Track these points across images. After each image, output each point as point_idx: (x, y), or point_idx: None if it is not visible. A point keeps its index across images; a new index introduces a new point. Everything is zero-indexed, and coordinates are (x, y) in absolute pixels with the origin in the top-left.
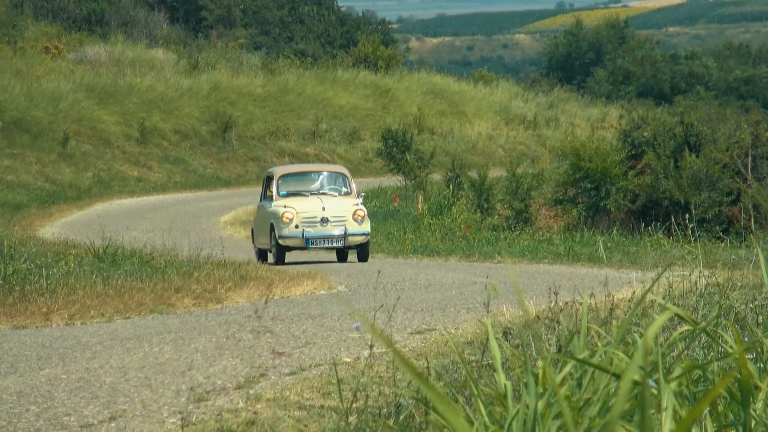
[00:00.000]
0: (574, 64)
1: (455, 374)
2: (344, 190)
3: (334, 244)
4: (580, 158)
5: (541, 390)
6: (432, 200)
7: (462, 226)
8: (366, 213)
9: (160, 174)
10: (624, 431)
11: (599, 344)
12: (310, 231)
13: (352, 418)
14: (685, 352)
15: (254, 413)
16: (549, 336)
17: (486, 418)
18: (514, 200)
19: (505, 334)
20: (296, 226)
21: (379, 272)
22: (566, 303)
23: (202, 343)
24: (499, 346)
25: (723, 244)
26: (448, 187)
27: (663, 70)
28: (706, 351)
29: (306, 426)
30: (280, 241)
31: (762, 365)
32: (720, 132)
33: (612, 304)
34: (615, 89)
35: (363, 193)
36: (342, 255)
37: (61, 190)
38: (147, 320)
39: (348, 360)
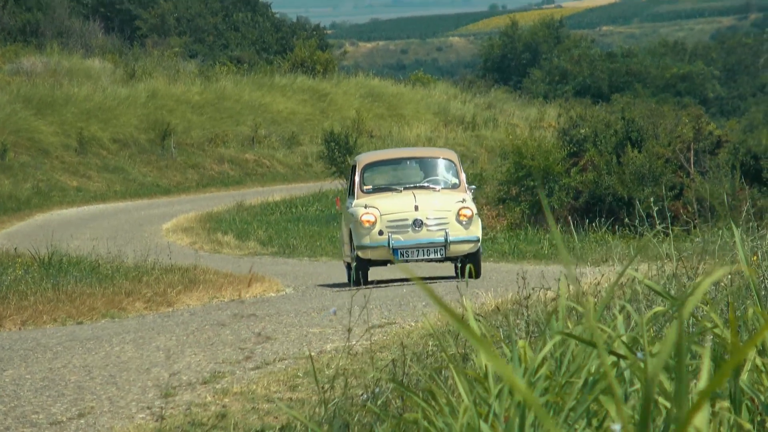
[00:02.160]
0: (510, 64)
1: (425, 362)
2: (452, 180)
3: (432, 255)
4: (523, 156)
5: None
6: None
7: None
8: (475, 212)
9: (99, 183)
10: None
11: (582, 322)
12: (399, 238)
13: (329, 405)
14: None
15: (223, 407)
16: (518, 322)
17: (466, 399)
18: None
19: (474, 320)
20: (380, 233)
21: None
22: (529, 293)
23: (163, 342)
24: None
25: (667, 238)
26: None
27: (600, 68)
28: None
29: (276, 418)
30: (360, 253)
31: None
32: (661, 127)
33: (578, 291)
34: (552, 89)
35: (473, 186)
36: (459, 267)
37: (1, 202)
38: (102, 323)
39: (313, 354)
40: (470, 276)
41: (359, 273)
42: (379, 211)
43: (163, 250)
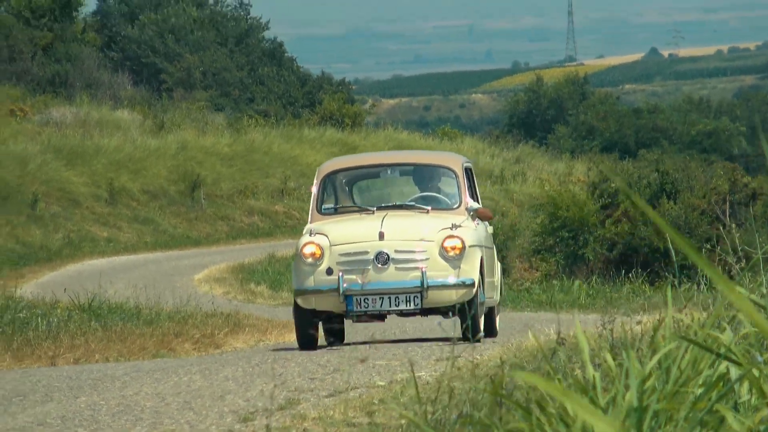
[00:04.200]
0: (534, 120)
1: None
2: (445, 199)
3: (402, 306)
4: (558, 207)
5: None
6: None
7: None
8: (470, 243)
9: (130, 234)
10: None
11: (695, 330)
12: (355, 280)
13: (433, 415)
14: None
15: (304, 430)
16: (602, 345)
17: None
18: None
19: (558, 343)
20: (328, 271)
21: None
22: (613, 320)
23: (230, 372)
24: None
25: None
26: None
27: (627, 124)
28: None
29: None
30: (300, 300)
31: None
32: (695, 180)
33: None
34: (579, 144)
35: (473, 206)
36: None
37: (32, 252)
38: (156, 362)
39: (382, 383)
40: (473, 336)
41: (303, 328)
42: (327, 239)
43: (199, 299)
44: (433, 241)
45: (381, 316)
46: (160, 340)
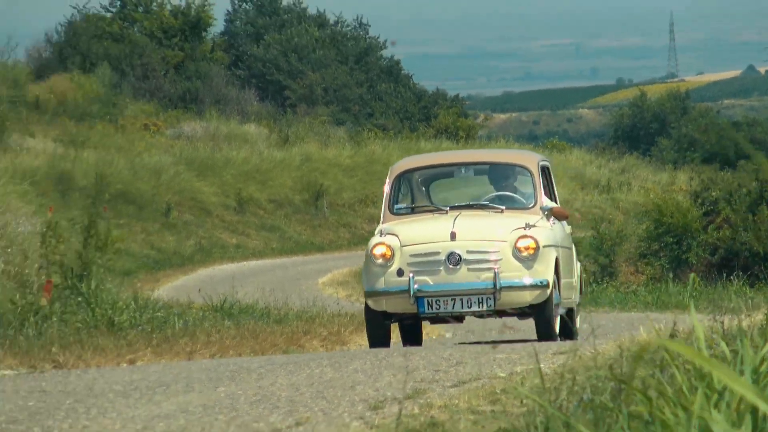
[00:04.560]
0: (638, 133)
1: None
2: (520, 199)
3: (474, 308)
4: (663, 214)
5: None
6: None
7: None
8: (544, 243)
9: (257, 241)
10: None
11: None
12: (427, 281)
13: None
14: None
15: (431, 417)
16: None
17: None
18: (599, 256)
19: (672, 336)
20: (399, 272)
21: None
22: (723, 313)
23: (359, 366)
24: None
25: None
26: None
27: (726, 137)
28: None
29: (483, 426)
30: (371, 302)
31: None
32: None
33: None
34: (681, 156)
35: (547, 205)
36: (543, 323)
37: (166, 258)
38: (287, 357)
39: (503, 375)
40: (546, 333)
41: (375, 329)
42: (398, 239)
43: (324, 301)
44: (506, 241)
45: (459, 318)
46: (290, 338)
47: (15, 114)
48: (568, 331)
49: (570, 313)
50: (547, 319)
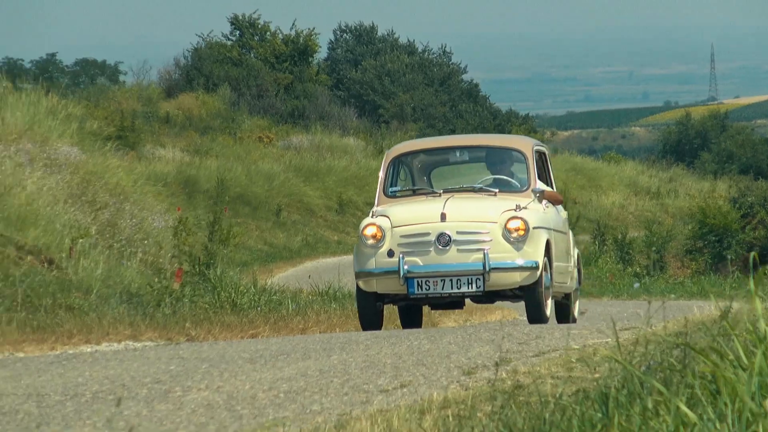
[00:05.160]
0: (684, 148)
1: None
2: (515, 182)
3: (464, 288)
4: (706, 216)
5: None
6: (581, 254)
7: (608, 274)
8: (534, 225)
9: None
10: None
11: None
12: (416, 262)
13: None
14: None
15: (517, 380)
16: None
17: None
18: (651, 252)
19: (725, 312)
20: (389, 253)
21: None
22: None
23: (452, 339)
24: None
25: None
26: (595, 243)
27: (760, 151)
28: None
29: (563, 389)
30: (361, 283)
31: None
32: None
33: None
34: (720, 167)
35: (539, 188)
36: (533, 305)
37: (277, 252)
38: (390, 331)
39: (576, 347)
40: (536, 315)
41: (366, 309)
42: (389, 221)
43: None
44: (496, 222)
45: (459, 303)
46: (388, 318)
47: (149, 127)
48: (566, 317)
49: (567, 298)
50: (536, 301)
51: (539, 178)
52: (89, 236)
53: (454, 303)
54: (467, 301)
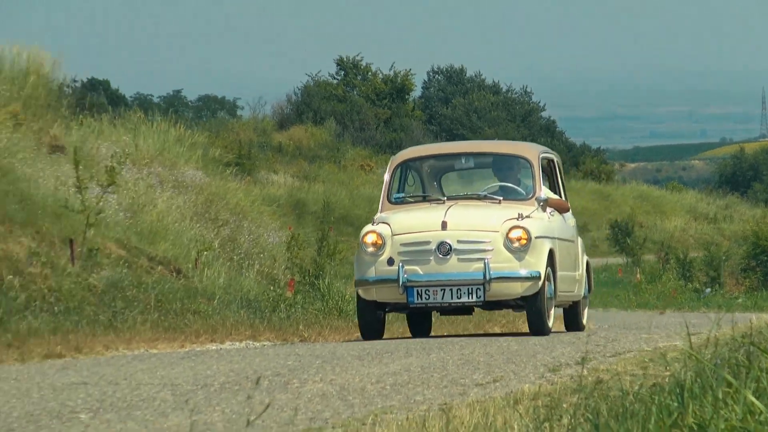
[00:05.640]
0: (738, 179)
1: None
2: (521, 190)
3: (464, 298)
4: (759, 238)
5: None
6: (646, 272)
7: (671, 289)
8: (536, 233)
9: None
10: None
11: None
12: (416, 271)
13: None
14: None
15: (597, 377)
16: None
17: None
18: (710, 270)
19: None
20: (389, 261)
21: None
22: None
23: (538, 341)
24: None
25: None
26: (659, 262)
27: None
28: None
29: (640, 384)
30: (361, 291)
31: None
32: None
33: None
34: None
35: (542, 196)
36: (535, 315)
37: None
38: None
39: (648, 349)
40: (538, 326)
41: (366, 318)
42: (390, 228)
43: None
44: (498, 231)
45: (467, 309)
46: (477, 324)
47: (263, 155)
48: (575, 325)
49: (576, 307)
50: (538, 312)
51: (550, 187)
52: (212, 249)
53: (461, 309)
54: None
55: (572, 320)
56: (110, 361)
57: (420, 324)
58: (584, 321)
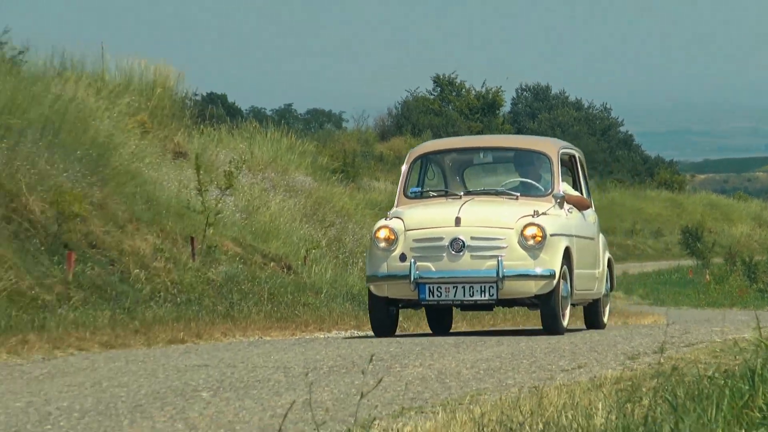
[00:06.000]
0: None
1: None
2: (539, 186)
3: (477, 296)
4: None
5: None
6: (714, 274)
7: (737, 290)
8: (551, 231)
9: None
10: None
11: None
12: (429, 267)
13: None
14: None
15: (674, 364)
16: None
17: None
18: None
19: None
20: (401, 257)
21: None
22: None
23: (617, 333)
24: None
25: None
26: (726, 265)
27: None
28: None
29: (713, 371)
30: (373, 288)
31: None
32: None
33: None
34: None
35: (560, 193)
36: (549, 314)
37: None
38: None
39: (719, 340)
40: (552, 326)
41: (378, 314)
42: (403, 223)
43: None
44: (513, 228)
45: (488, 306)
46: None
47: (366, 164)
48: (596, 323)
49: (596, 305)
50: (552, 311)
51: (573, 184)
52: (320, 248)
53: (480, 305)
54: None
55: (592, 318)
56: (228, 347)
57: (440, 320)
58: (605, 319)
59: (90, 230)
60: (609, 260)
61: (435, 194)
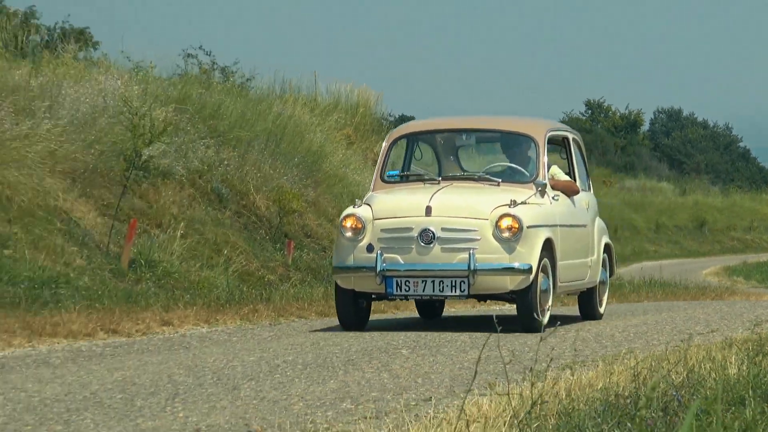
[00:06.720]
0: None
1: None
2: (525, 172)
3: (447, 291)
4: None
5: None
6: None
7: None
8: (528, 222)
9: (666, 249)
10: None
11: None
12: (396, 259)
13: None
14: None
15: (707, 350)
16: None
17: None
18: None
19: None
20: (369, 248)
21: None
22: None
23: (742, 304)
24: None
25: None
26: None
27: None
28: None
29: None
30: (339, 280)
31: None
32: None
33: None
34: None
35: (544, 179)
36: (525, 311)
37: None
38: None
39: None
40: (529, 322)
41: (344, 305)
42: (371, 211)
43: (702, 282)
44: (487, 219)
45: (482, 297)
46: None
47: None
48: (591, 313)
49: (591, 293)
50: (529, 307)
51: (566, 168)
52: None
53: (477, 296)
54: None
55: (587, 307)
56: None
57: (429, 305)
58: (602, 309)
59: (305, 223)
60: (607, 246)
61: (414, 178)
